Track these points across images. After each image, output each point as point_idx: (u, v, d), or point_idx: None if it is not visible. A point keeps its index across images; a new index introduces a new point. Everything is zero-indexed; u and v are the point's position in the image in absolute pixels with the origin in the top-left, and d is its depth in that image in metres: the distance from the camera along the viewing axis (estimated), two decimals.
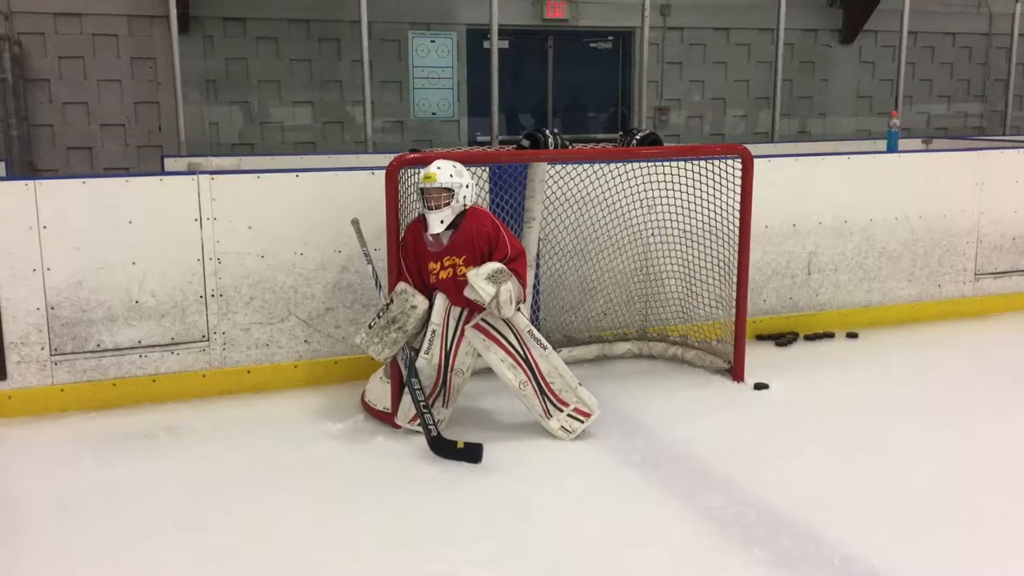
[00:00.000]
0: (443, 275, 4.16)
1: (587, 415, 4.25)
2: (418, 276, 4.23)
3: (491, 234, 4.18)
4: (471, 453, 3.97)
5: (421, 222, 4.19)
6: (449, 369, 4.24)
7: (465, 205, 4.14)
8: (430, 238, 4.14)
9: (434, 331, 4.21)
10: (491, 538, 3.31)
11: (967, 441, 4.18)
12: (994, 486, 3.72)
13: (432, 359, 4.22)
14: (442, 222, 4.09)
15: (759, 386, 4.88)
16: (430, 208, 4.08)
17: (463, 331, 4.23)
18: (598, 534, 3.33)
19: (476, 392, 4.82)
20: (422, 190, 4.10)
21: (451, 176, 4.09)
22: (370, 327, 4.22)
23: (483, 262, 4.13)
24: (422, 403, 4.11)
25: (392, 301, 4.18)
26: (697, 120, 9.85)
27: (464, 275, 4.09)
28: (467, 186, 4.14)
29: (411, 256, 4.22)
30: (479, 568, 3.10)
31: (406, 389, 4.21)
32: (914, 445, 4.13)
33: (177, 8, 6.62)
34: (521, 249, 4.26)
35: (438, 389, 4.28)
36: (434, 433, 4.05)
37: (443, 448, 4.02)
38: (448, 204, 4.08)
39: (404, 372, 4.20)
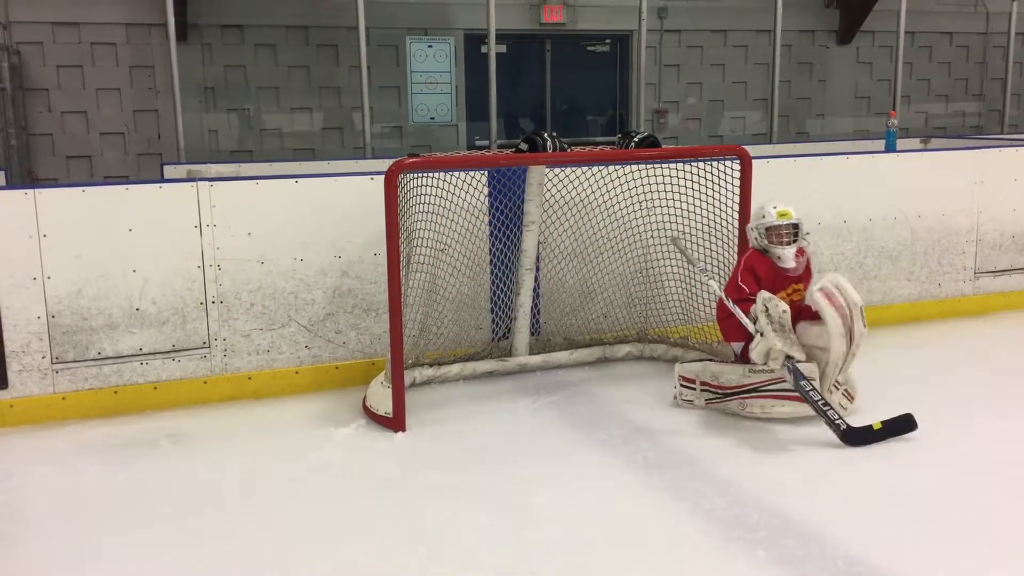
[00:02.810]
0: (787, 301, 4.43)
1: (852, 398, 4.47)
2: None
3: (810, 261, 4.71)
4: (901, 425, 4.08)
5: (766, 255, 4.51)
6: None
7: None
8: (788, 268, 4.49)
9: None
10: (493, 542, 3.31)
11: (969, 440, 4.17)
12: (997, 485, 3.71)
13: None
14: (795, 254, 4.49)
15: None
16: (786, 243, 4.47)
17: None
18: (600, 537, 3.33)
19: (473, 395, 4.83)
20: (777, 226, 4.45)
21: (796, 214, 4.51)
22: (762, 335, 4.22)
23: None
24: (820, 402, 4.12)
25: (767, 310, 4.24)
26: (695, 122, 9.87)
27: (803, 299, 4.54)
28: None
29: (765, 283, 4.45)
30: (481, 572, 3.10)
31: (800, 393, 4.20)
32: (916, 444, 4.11)
33: (175, 16, 6.63)
34: None
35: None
36: (844, 427, 4.05)
37: (861, 436, 4.03)
38: (797, 239, 4.49)
39: (790, 378, 4.18)
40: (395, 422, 4.35)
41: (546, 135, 4.62)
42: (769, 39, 8.31)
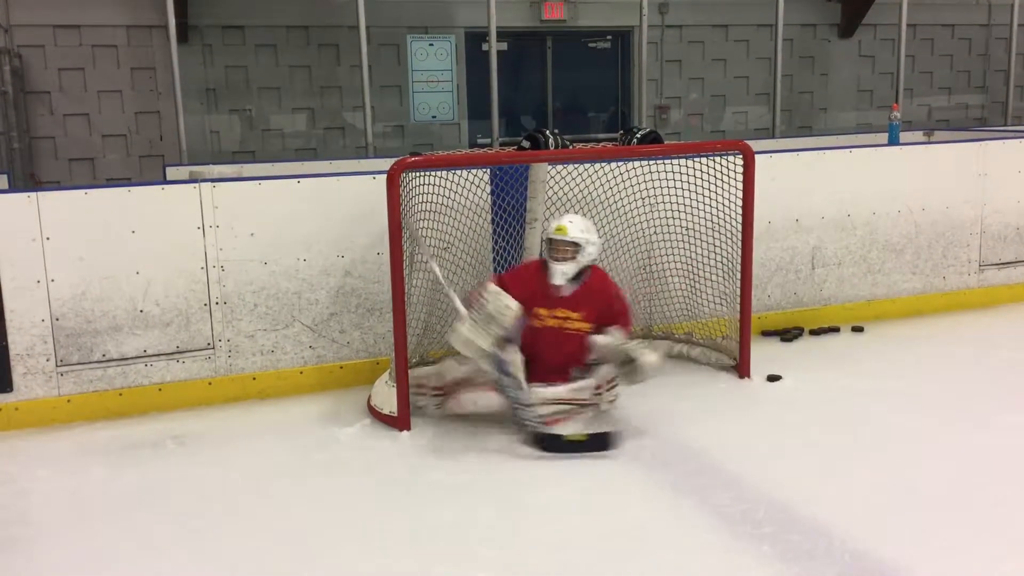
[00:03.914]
0: (551, 322, 4.30)
1: (612, 379, 4.42)
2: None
3: (612, 296, 4.46)
4: (596, 442, 3.95)
5: (543, 268, 4.35)
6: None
7: (590, 262, 4.35)
8: (553, 286, 4.30)
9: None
10: (498, 540, 3.31)
11: (976, 433, 4.16)
12: (1004, 477, 3.71)
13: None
14: (564, 274, 4.28)
15: (772, 378, 4.87)
16: (556, 259, 4.27)
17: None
18: (606, 534, 3.33)
19: None
20: (551, 240, 4.27)
21: (581, 232, 4.28)
22: (473, 321, 4.10)
23: (598, 320, 4.35)
24: (515, 404, 4.07)
25: (488, 301, 4.08)
26: (697, 117, 9.85)
27: (577, 329, 4.31)
28: (593, 244, 4.33)
29: (521, 288, 4.22)
30: (487, 570, 3.09)
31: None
32: (923, 438, 4.11)
33: (176, 17, 6.63)
34: (631, 316, 4.58)
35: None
36: (538, 433, 4.01)
37: (553, 444, 3.97)
38: (573, 259, 4.27)
39: (494, 370, 4.10)
40: (400, 421, 4.35)
41: (548, 132, 4.62)
42: (770, 33, 8.29)
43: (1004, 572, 3.02)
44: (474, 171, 4.96)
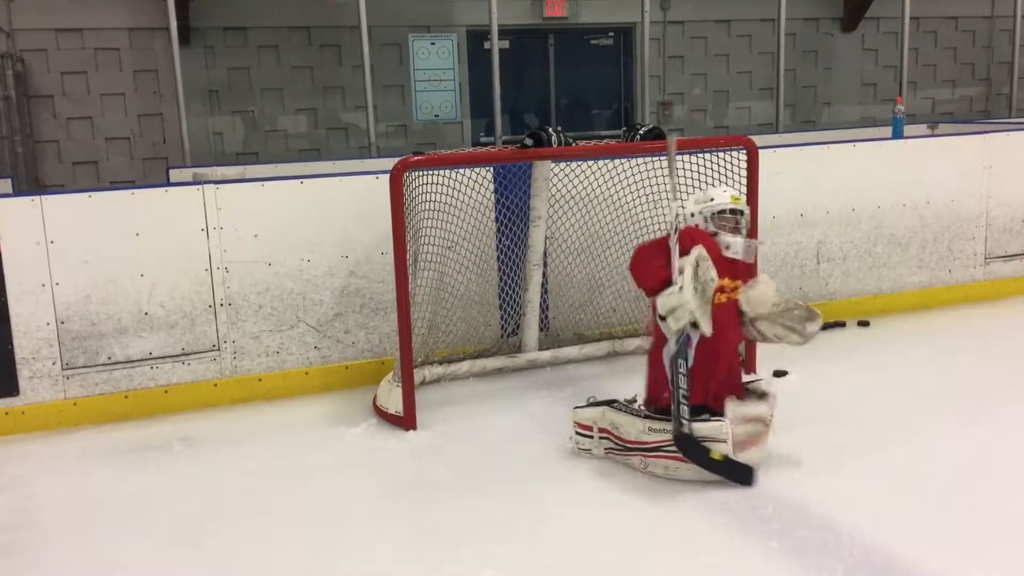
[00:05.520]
0: (721, 299, 3.77)
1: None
2: None
3: None
4: (737, 472, 3.58)
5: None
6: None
7: None
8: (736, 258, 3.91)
9: None
10: (508, 539, 3.30)
11: (983, 426, 4.15)
12: (1012, 470, 3.69)
13: None
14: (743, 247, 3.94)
15: (778, 373, 4.85)
16: (735, 231, 3.93)
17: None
18: (615, 532, 3.32)
19: (484, 393, 4.82)
20: (729, 211, 3.91)
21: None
22: (681, 289, 3.52)
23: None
24: (682, 391, 3.60)
25: (698, 266, 3.53)
26: (700, 113, 9.85)
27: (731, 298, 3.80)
28: None
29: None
30: (496, 569, 3.09)
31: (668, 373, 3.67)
32: (930, 432, 4.10)
33: (177, 20, 6.64)
34: None
35: None
36: (686, 429, 3.56)
37: (691, 449, 3.56)
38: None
39: (674, 346, 3.63)
40: (406, 421, 4.35)
41: (551, 130, 4.60)
42: (773, 28, 8.28)
43: (1013, 566, 3.01)
44: (477, 170, 4.95)
